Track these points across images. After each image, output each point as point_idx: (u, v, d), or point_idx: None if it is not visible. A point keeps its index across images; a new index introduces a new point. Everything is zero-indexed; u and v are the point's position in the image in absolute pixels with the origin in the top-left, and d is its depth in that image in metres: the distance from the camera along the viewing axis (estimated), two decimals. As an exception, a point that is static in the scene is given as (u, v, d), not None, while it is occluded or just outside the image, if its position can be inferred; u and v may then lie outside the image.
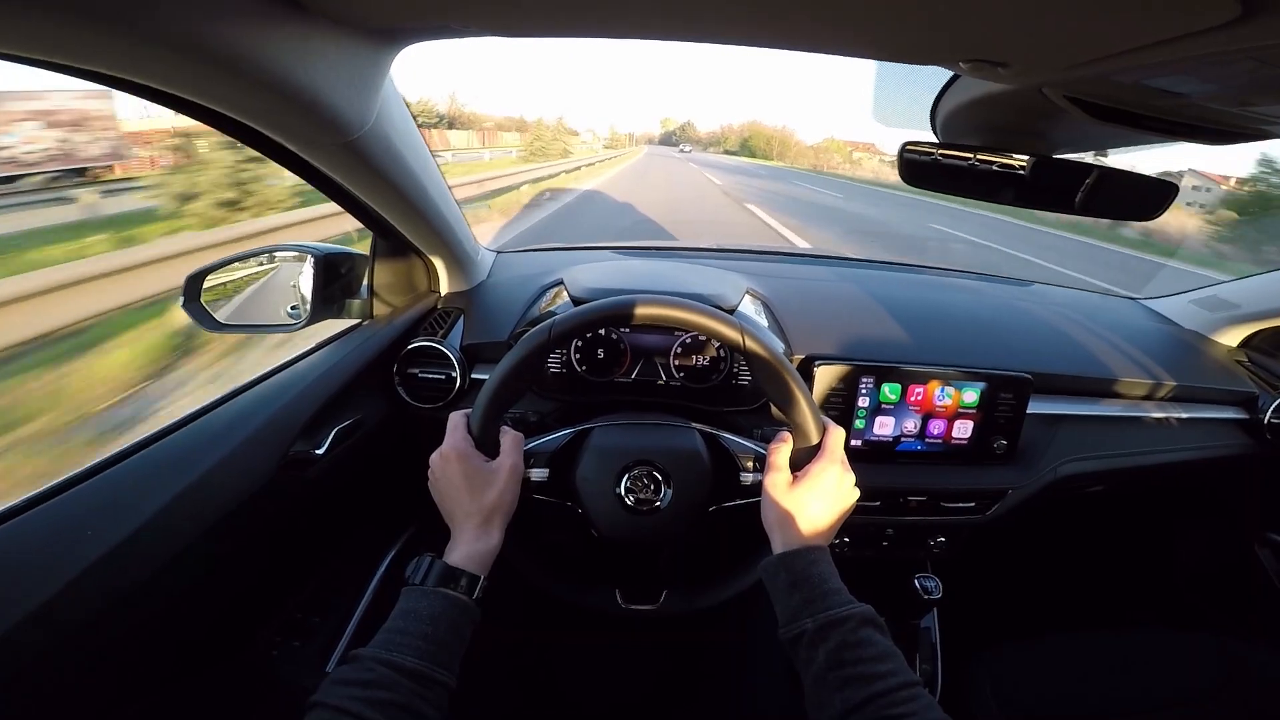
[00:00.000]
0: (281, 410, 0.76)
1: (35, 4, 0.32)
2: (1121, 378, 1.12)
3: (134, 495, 0.59)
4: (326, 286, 0.92)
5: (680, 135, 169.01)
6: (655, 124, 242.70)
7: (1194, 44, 0.33)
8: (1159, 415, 1.12)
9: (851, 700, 0.48)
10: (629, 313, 0.68)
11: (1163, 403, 1.13)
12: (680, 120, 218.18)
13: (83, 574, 0.52)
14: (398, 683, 0.48)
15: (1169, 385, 1.13)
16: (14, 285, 3.14)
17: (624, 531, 0.73)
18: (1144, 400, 1.13)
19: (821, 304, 1.16)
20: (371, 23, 0.49)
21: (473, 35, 0.49)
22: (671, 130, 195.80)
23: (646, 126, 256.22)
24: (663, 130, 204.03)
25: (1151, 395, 1.13)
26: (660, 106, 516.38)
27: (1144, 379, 1.12)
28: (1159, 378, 1.13)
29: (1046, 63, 0.43)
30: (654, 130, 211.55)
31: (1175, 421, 1.13)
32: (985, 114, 0.66)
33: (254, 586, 0.81)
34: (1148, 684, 0.98)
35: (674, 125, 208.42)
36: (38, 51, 0.37)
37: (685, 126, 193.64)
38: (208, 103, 0.46)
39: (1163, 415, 1.12)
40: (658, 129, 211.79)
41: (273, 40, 0.43)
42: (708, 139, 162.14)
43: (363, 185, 0.74)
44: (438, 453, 0.66)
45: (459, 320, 1.02)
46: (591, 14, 0.41)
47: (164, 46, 0.38)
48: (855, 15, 0.39)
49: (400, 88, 0.70)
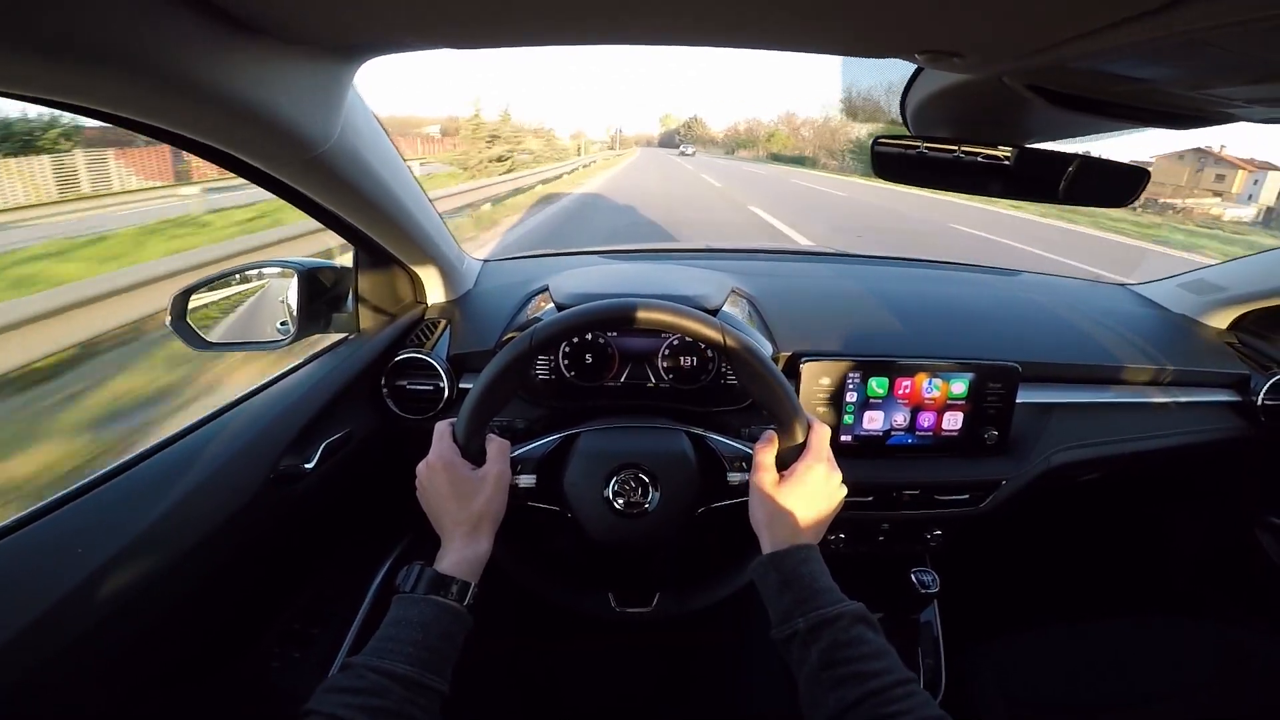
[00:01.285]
0: (269, 426, 0.76)
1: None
2: (1112, 364, 1.12)
3: (123, 513, 0.60)
4: (312, 301, 0.93)
5: (686, 134, 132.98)
6: (654, 122, 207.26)
7: (1131, 29, 0.33)
8: (1151, 401, 1.12)
9: (846, 699, 0.48)
10: (610, 317, 0.69)
11: (1154, 388, 1.13)
12: (685, 115, 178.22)
13: (73, 591, 0.52)
14: (389, 689, 0.49)
15: (1160, 370, 1.13)
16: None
17: (614, 535, 0.73)
18: (1136, 386, 1.13)
19: (808, 301, 1.16)
20: (326, 42, 0.49)
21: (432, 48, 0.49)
22: (674, 129, 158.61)
23: (640, 125, 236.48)
24: (663, 129, 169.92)
25: (1143, 380, 1.13)
26: (661, 101, 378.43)
27: (1135, 364, 1.12)
28: (1150, 363, 1.13)
29: (998, 52, 0.43)
30: (652, 130, 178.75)
31: (1168, 406, 1.13)
32: (953, 105, 0.66)
33: (248, 600, 0.81)
34: (1150, 672, 0.98)
35: (676, 123, 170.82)
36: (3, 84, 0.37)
37: (691, 123, 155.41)
38: (163, 125, 0.47)
39: (1155, 400, 1.12)
40: (656, 128, 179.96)
41: (227, 63, 0.43)
42: (727, 140, 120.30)
43: (335, 199, 0.74)
44: (424, 462, 0.67)
45: (445, 330, 1.03)
46: (546, 24, 0.42)
47: (114, 71, 0.38)
48: (810, 11, 0.40)
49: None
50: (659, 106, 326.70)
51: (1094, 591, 1.48)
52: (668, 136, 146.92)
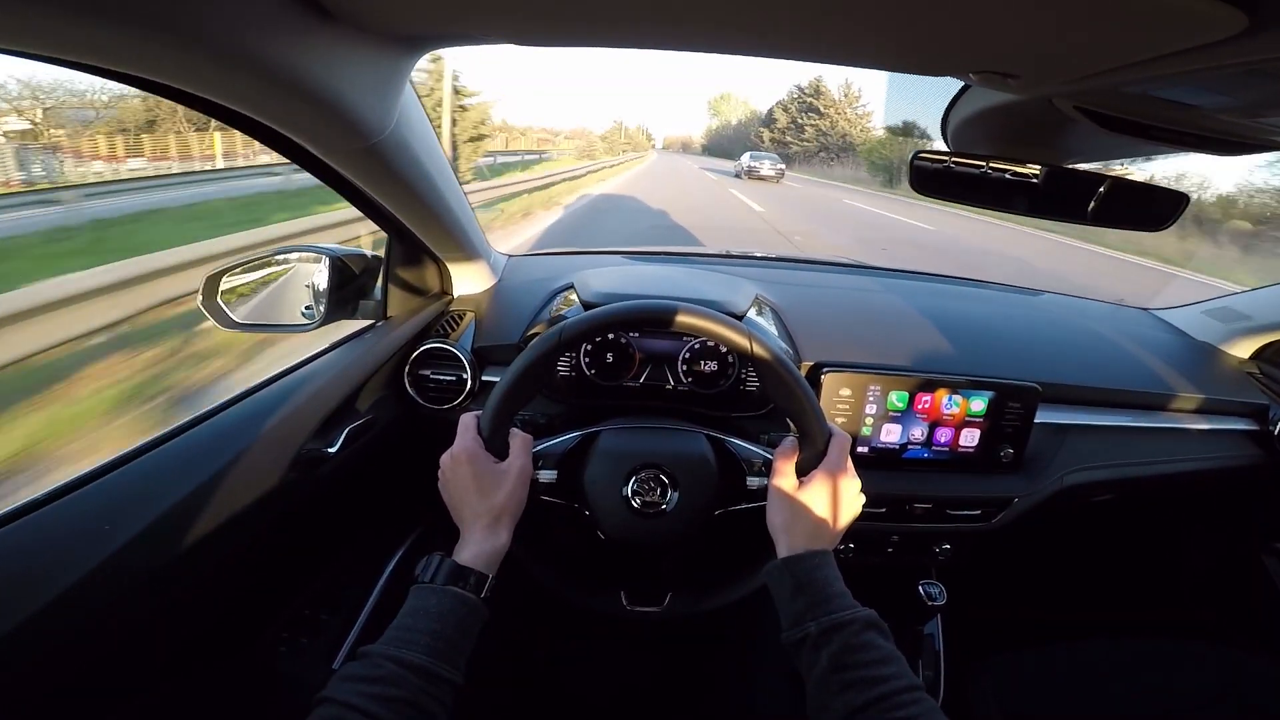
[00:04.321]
0: (295, 409, 0.77)
1: (83, 8, 0.33)
2: (1131, 388, 1.11)
3: (150, 491, 0.61)
4: (340, 288, 0.93)
5: (758, 140, 60.14)
6: (694, 118, 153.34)
7: (1201, 57, 0.33)
8: (1168, 426, 1.12)
9: (854, 703, 0.48)
10: (638, 317, 0.69)
11: (1172, 413, 1.13)
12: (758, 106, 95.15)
13: (99, 567, 0.53)
14: (405, 679, 0.49)
15: (1179, 396, 1.12)
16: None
17: (630, 534, 0.74)
18: (1153, 411, 1.12)
19: (831, 311, 1.16)
20: (396, 30, 0.50)
21: (493, 43, 0.50)
22: (723, 128, 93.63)
23: (670, 123, 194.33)
24: (716, 120, 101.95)
25: (1161, 406, 1.12)
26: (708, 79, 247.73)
27: (1153, 389, 1.12)
28: (1169, 388, 1.13)
29: (1056, 74, 0.43)
30: (690, 132, 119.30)
31: (1185, 432, 1.12)
32: (996, 124, 0.66)
33: (264, 582, 0.82)
34: (1152, 694, 0.98)
35: (740, 110, 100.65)
36: (77, 54, 0.38)
37: (771, 119, 62.74)
38: (235, 106, 0.47)
39: (1172, 426, 1.12)
40: (698, 127, 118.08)
41: (299, 46, 0.44)
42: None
43: (381, 189, 0.75)
44: (448, 453, 0.67)
45: (471, 323, 1.04)
46: (609, 25, 0.42)
47: (196, 50, 0.39)
48: (869, 28, 0.40)
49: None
50: (706, 84, 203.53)
51: (1099, 611, 1.48)
52: (716, 141, 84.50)
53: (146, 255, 3.69)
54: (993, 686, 0.99)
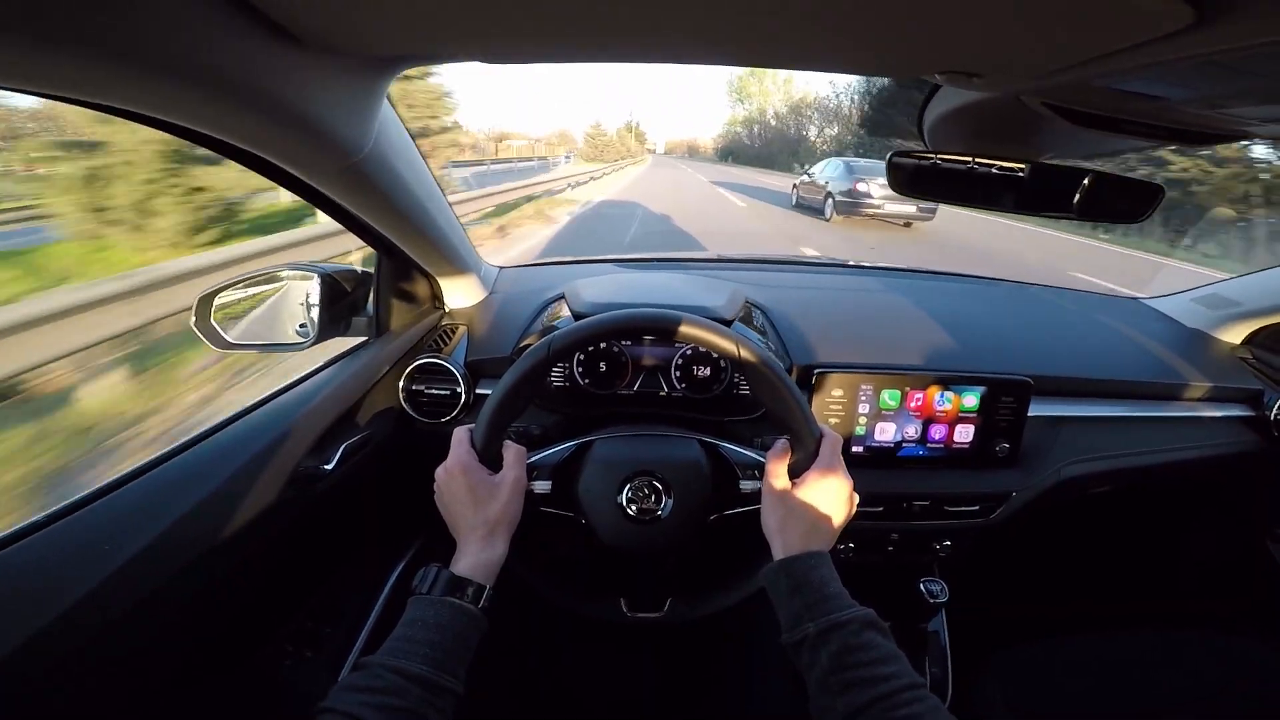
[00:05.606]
0: (290, 427, 0.77)
1: (44, 39, 0.33)
2: (1124, 378, 1.12)
3: (148, 510, 0.61)
4: (332, 305, 0.94)
5: (820, 143, 37.82)
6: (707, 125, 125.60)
7: (1153, 51, 0.34)
8: (1163, 414, 1.12)
9: (855, 703, 0.48)
10: (624, 327, 0.70)
11: (1167, 402, 1.13)
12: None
13: (101, 586, 0.53)
14: (406, 689, 0.49)
15: (1173, 384, 1.13)
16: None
17: (626, 541, 0.74)
18: (1148, 400, 1.12)
19: (821, 312, 1.17)
20: (367, 52, 0.51)
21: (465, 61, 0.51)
22: (756, 121, 66.96)
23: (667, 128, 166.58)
24: (738, 114, 73.16)
25: (1155, 395, 1.13)
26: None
27: (1147, 378, 1.12)
28: (1162, 377, 1.13)
29: (1016, 72, 0.44)
30: (697, 135, 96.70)
31: (1180, 420, 1.12)
32: (970, 122, 0.67)
33: (264, 599, 0.82)
34: (1158, 684, 0.98)
35: (781, 95, 61.80)
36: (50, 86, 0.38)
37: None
38: (214, 133, 0.48)
39: (1167, 414, 1.12)
40: (707, 128, 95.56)
41: (270, 70, 0.45)
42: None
43: (365, 207, 0.76)
44: (442, 467, 0.67)
45: (463, 336, 1.04)
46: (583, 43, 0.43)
47: (168, 78, 0.40)
48: (833, 33, 0.41)
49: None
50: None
51: (1103, 603, 1.47)
52: (758, 136, 63.34)
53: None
54: (999, 683, 0.99)
